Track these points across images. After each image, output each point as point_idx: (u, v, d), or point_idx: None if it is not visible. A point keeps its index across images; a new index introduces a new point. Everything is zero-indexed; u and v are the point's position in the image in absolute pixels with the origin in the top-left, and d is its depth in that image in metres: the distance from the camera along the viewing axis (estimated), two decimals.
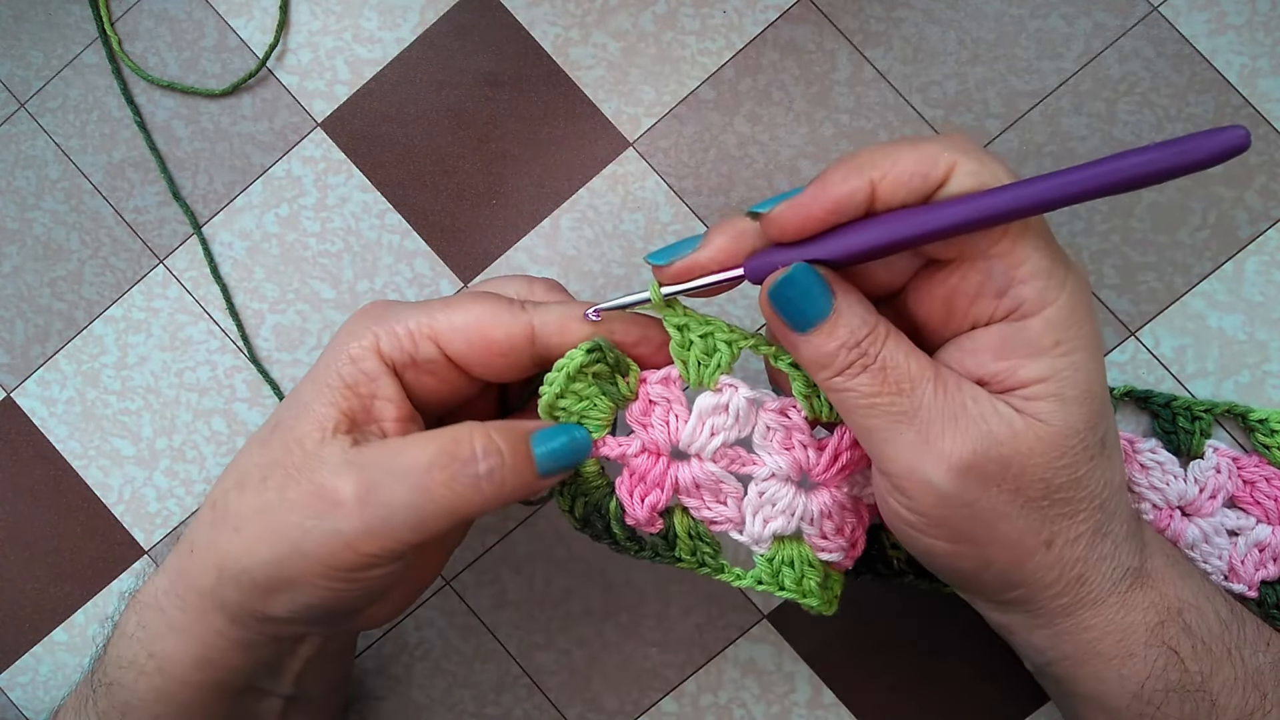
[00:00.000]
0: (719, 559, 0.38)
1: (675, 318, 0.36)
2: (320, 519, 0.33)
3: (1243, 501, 0.43)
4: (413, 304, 0.36)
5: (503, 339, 0.35)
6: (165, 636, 0.35)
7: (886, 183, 0.30)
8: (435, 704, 0.48)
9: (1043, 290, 0.31)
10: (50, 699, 0.50)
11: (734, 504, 0.37)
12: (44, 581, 0.50)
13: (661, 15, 0.48)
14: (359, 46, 0.49)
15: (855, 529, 0.37)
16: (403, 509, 0.32)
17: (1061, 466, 0.31)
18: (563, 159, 0.48)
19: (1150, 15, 0.46)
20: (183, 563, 0.35)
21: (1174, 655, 0.33)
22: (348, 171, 0.49)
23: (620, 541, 0.38)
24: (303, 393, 0.35)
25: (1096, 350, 0.32)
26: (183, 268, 0.50)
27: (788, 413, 0.36)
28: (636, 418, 0.37)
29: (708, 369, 0.36)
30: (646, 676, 0.48)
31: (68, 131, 0.50)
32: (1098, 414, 0.32)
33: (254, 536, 0.33)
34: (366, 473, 0.33)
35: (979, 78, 0.46)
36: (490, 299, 0.36)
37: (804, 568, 0.36)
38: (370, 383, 0.35)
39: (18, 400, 0.50)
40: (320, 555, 0.33)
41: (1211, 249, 0.45)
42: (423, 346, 0.35)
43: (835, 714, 0.47)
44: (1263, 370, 0.45)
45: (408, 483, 0.32)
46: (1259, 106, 0.45)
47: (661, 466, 0.36)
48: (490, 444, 0.34)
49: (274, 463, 0.34)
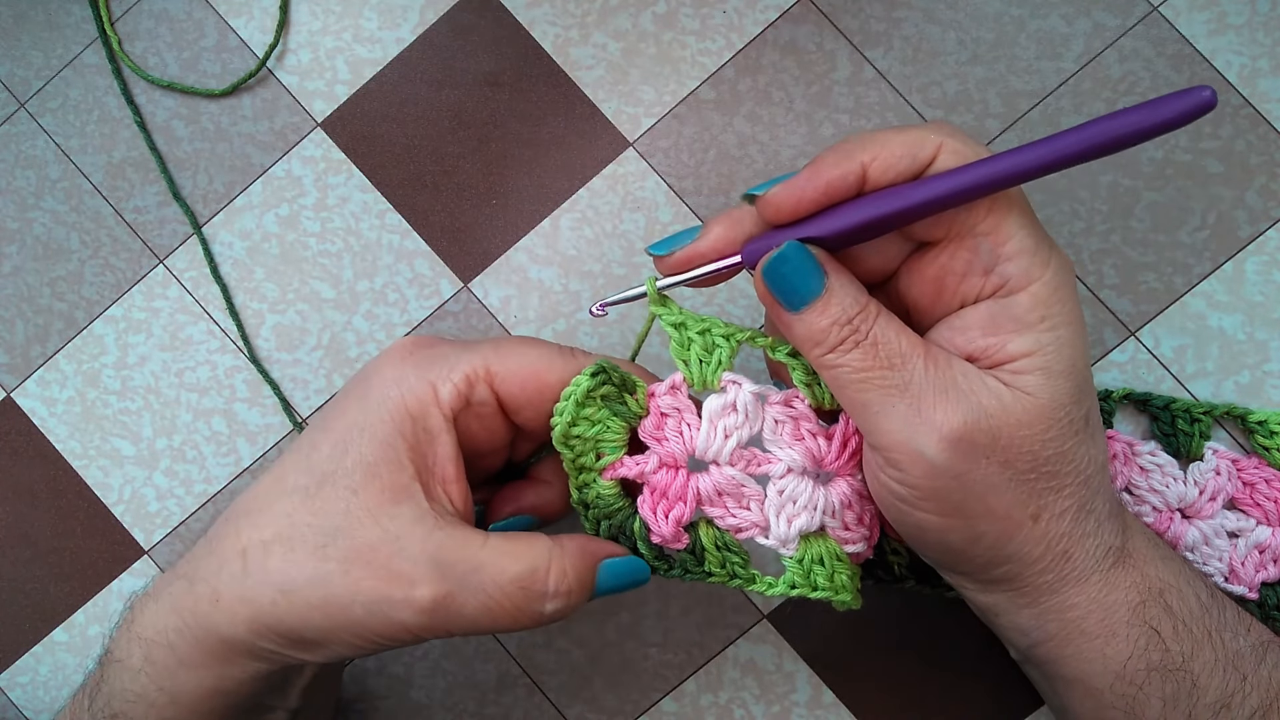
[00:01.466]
0: (749, 568, 0.37)
1: (672, 316, 0.36)
2: (390, 609, 0.32)
3: (1243, 503, 0.43)
4: (461, 344, 0.36)
5: (556, 384, 0.35)
6: (177, 672, 0.34)
7: (877, 164, 0.32)
8: (435, 704, 0.48)
9: (1028, 266, 0.32)
10: (50, 699, 0.50)
11: (757, 507, 0.36)
12: (44, 581, 0.50)
13: (661, 15, 0.48)
14: (359, 46, 0.49)
15: (874, 517, 0.37)
16: (469, 621, 0.33)
17: (1049, 439, 0.32)
18: (563, 159, 0.48)
19: (1150, 15, 0.46)
20: (202, 607, 0.34)
21: (1155, 635, 0.34)
22: (348, 171, 0.49)
23: (649, 561, 0.37)
24: (358, 447, 0.33)
25: (1080, 327, 0.33)
26: (183, 268, 0.50)
27: (792, 403, 0.36)
28: (650, 433, 0.37)
29: (710, 366, 0.36)
30: (646, 676, 0.48)
31: (68, 131, 0.50)
32: (1082, 390, 0.33)
33: (307, 605, 0.32)
34: (446, 581, 0.32)
35: (979, 78, 0.46)
36: (542, 344, 0.36)
37: (834, 563, 0.36)
38: (432, 440, 0.34)
39: (18, 400, 0.50)
40: (378, 631, 0.33)
41: (1211, 249, 0.45)
42: (478, 389, 0.34)
43: (835, 714, 0.47)
44: (1263, 370, 0.45)
45: (481, 599, 0.33)
46: (1259, 106, 0.45)
47: (682, 479, 0.36)
48: (563, 581, 0.34)
49: (336, 530, 0.33)
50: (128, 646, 0.35)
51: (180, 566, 0.36)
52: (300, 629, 0.33)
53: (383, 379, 0.34)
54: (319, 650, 0.34)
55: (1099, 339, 0.46)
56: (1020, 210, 0.32)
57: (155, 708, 0.35)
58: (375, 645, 0.34)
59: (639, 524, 0.37)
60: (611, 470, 0.37)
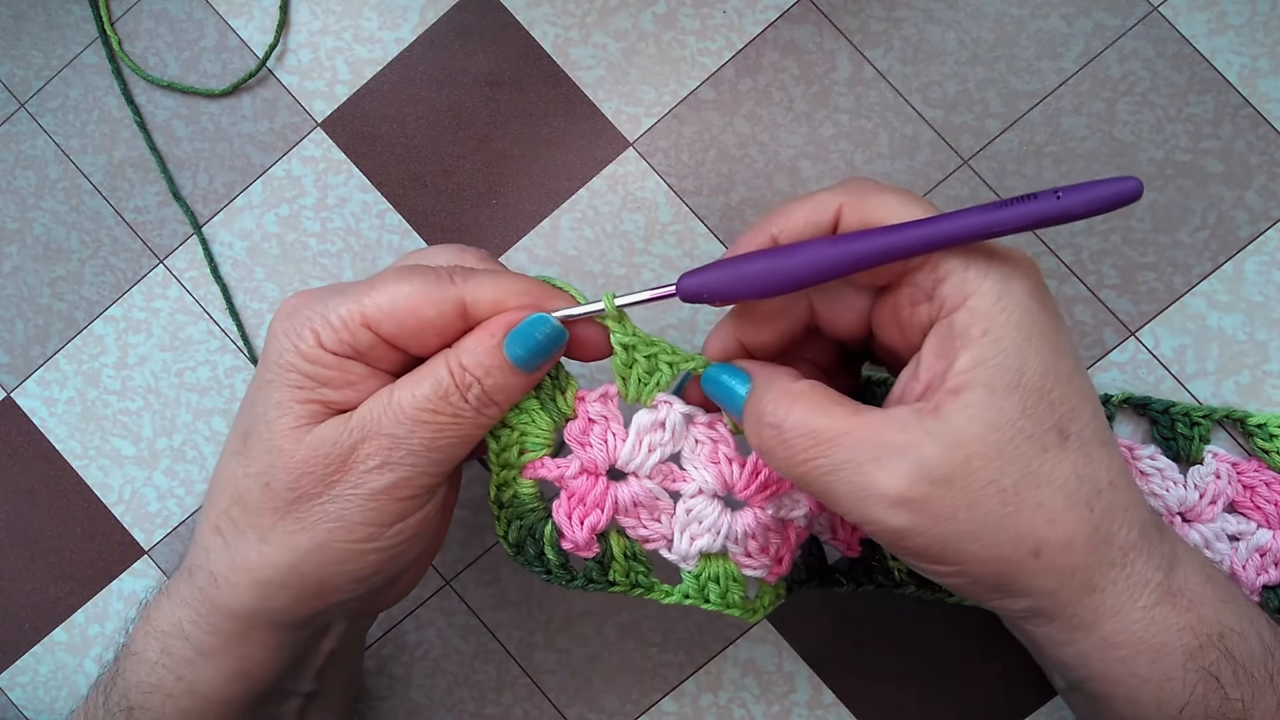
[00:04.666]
0: (651, 577, 0.38)
1: (624, 336, 0.36)
2: (353, 488, 0.34)
3: (1243, 507, 0.43)
4: (337, 289, 0.35)
5: (435, 317, 0.34)
6: (194, 661, 0.35)
7: (784, 235, 0.34)
8: (435, 704, 0.48)
9: (961, 283, 0.31)
10: (50, 699, 0.50)
11: (667, 520, 0.37)
12: (44, 581, 0.50)
13: (661, 15, 0.48)
14: (359, 46, 0.49)
15: (780, 549, 0.38)
16: (419, 449, 0.34)
17: (1005, 462, 0.31)
18: (563, 159, 0.48)
19: (1150, 15, 0.46)
20: (207, 592, 0.35)
21: (1214, 681, 0.32)
22: (348, 171, 0.49)
23: (552, 568, 0.38)
24: (266, 397, 0.35)
25: (1038, 337, 0.31)
26: (183, 268, 0.50)
27: (715, 426, 0.37)
28: (575, 436, 0.37)
29: (647, 387, 0.36)
30: (646, 676, 0.48)
31: (68, 131, 0.50)
32: (1037, 402, 0.31)
33: (287, 534, 0.34)
34: (378, 438, 0.34)
35: (979, 78, 0.46)
36: (417, 273, 0.35)
37: (729, 583, 0.37)
38: (331, 377, 0.34)
39: (18, 400, 0.50)
40: (363, 518, 0.34)
41: (1211, 249, 0.45)
42: (359, 335, 0.34)
43: (835, 714, 0.47)
44: (1263, 370, 0.45)
45: (408, 425, 0.34)
46: (1259, 106, 0.45)
47: (601, 487, 0.37)
48: (464, 377, 0.34)
49: (269, 469, 0.34)
50: (144, 640, 0.36)
51: (181, 564, 0.37)
52: (300, 564, 0.34)
53: (274, 335, 0.35)
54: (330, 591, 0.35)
55: (1099, 339, 0.46)
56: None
57: (172, 698, 0.35)
58: (372, 535, 0.34)
59: (550, 528, 0.37)
60: (533, 469, 0.37)
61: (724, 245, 0.47)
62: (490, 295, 0.35)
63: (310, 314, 0.34)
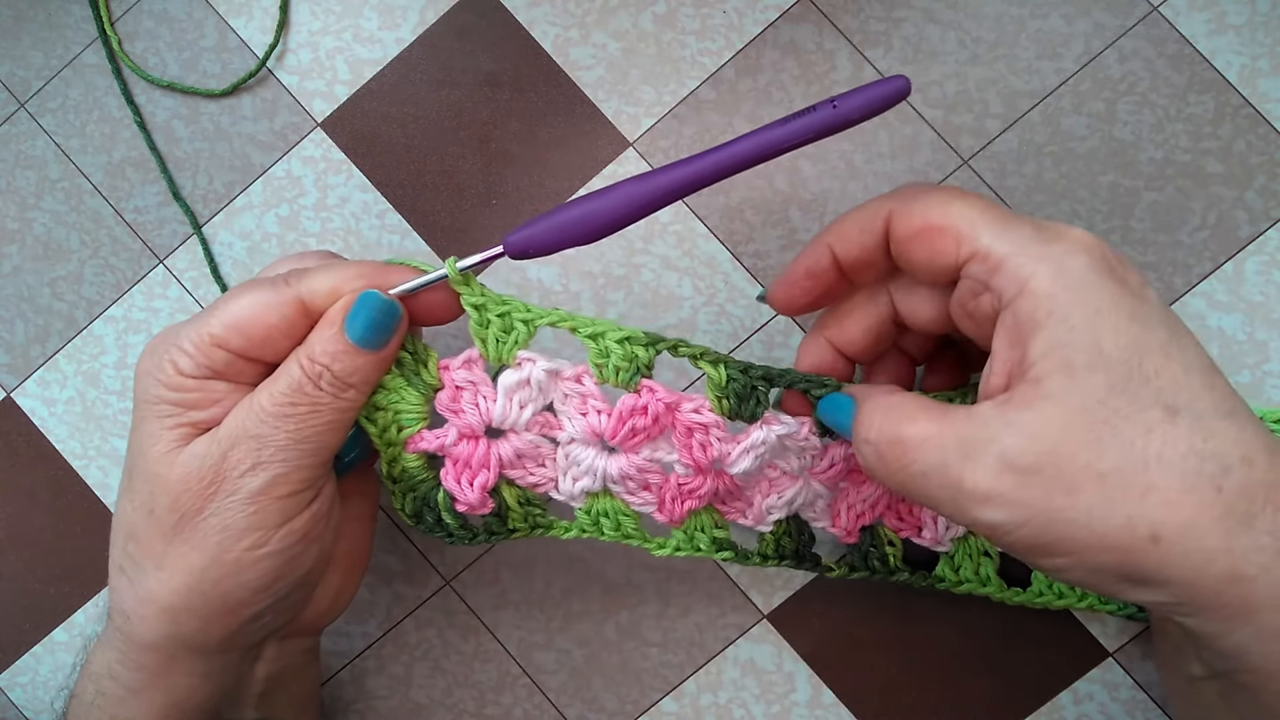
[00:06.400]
0: (548, 516, 0.40)
1: (472, 297, 0.37)
2: (230, 495, 0.34)
3: None
4: (190, 319, 0.36)
5: (279, 321, 0.35)
6: (126, 699, 0.36)
7: (839, 245, 0.36)
8: (435, 704, 0.48)
9: (1016, 269, 0.31)
10: (50, 699, 0.50)
11: (552, 465, 0.39)
12: (44, 581, 0.50)
13: (661, 15, 0.48)
14: (359, 46, 0.49)
15: (662, 489, 0.39)
16: (286, 446, 0.34)
17: (1101, 445, 0.29)
18: (563, 159, 0.48)
19: (1150, 15, 0.46)
20: (124, 630, 0.36)
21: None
22: (348, 171, 0.49)
23: (453, 531, 0.39)
24: (138, 436, 0.36)
25: (1110, 309, 0.30)
26: (183, 268, 0.50)
27: (581, 379, 0.38)
28: (446, 405, 0.38)
29: (506, 345, 0.37)
30: (646, 676, 0.48)
31: (68, 131, 0.50)
32: (1127, 377, 0.29)
33: (179, 556, 0.35)
34: (246, 442, 0.34)
35: (979, 78, 0.46)
36: (254, 285, 0.36)
37: (619, 517, 0.40)
38: (193, 395, 0.35)
39: (18, 400, 0.50)
40: (247, 523, 0.34)
41: (1211, 249, 0.45)
42: (213, 355, 0.35)
43: (835, 714, 0.47)
44: (1263, 370, 0.45)
45: (270, 424, 0.34)
46: (1259, 106, 0.45)
47: (483, 449, 0.38)
48: (313, 367, 0.35)
49: (150, 494, 0.35)
50: (83, 684, 0.38)
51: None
52: (199, 583, 0.35)
53: (138, 376, 0.36)
54: (236, 594, 0.35)
55: None
56: (985, 226, 0.32)
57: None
58: (261, 540, 0.35)
59: (443, 495, 0.38)
60: (414, 443, 0.38)
61: (724, 245, 0.47)
62: (325, 286, 0.35)
63: (165, 347, 0.35)
